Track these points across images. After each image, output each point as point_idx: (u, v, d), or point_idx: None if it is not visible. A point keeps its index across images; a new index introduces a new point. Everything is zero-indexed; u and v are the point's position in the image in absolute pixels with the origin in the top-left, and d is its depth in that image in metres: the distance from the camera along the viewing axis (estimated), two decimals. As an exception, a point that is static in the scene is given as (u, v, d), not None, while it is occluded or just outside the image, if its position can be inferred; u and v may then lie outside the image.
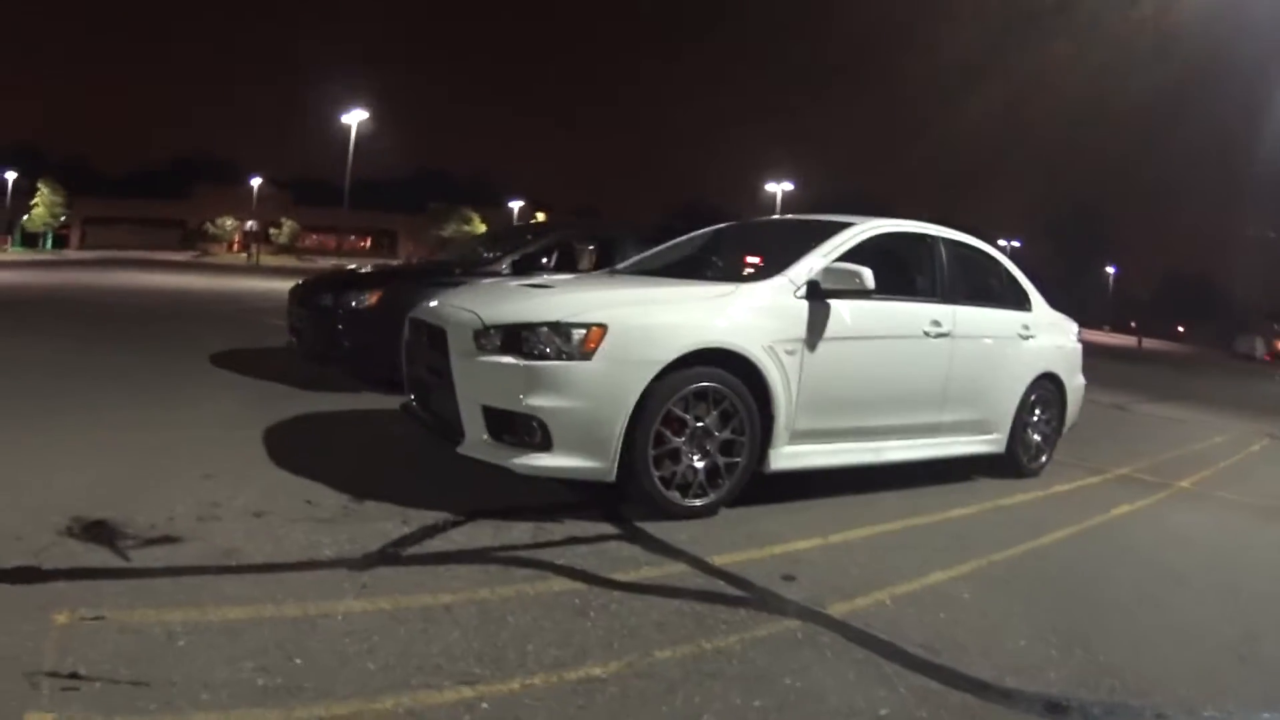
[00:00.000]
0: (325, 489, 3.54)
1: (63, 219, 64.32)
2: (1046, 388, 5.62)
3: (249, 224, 62.93)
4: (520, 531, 3.28)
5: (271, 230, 65.49)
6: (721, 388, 3.64)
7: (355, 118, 40.56)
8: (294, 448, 4.29)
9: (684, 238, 5.56)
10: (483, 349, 3.48)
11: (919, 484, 4.84)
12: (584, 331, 3.38)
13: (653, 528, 3.46)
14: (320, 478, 3.69)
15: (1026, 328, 5.46)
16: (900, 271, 4.96)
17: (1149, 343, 55.35)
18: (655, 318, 3.59)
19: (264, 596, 2.46)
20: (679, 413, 3.55)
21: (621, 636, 2.47)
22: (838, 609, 2.84)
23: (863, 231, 4.52)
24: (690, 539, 3.38)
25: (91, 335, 9.00)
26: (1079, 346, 6.13)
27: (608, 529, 3.42)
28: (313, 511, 3.27)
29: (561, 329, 3.39)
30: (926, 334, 4.64)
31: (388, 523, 3.19)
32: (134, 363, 7.04)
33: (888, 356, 4.40)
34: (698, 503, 3.65)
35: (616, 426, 3.35)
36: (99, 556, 2.65)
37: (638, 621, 2.58)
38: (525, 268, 6.63)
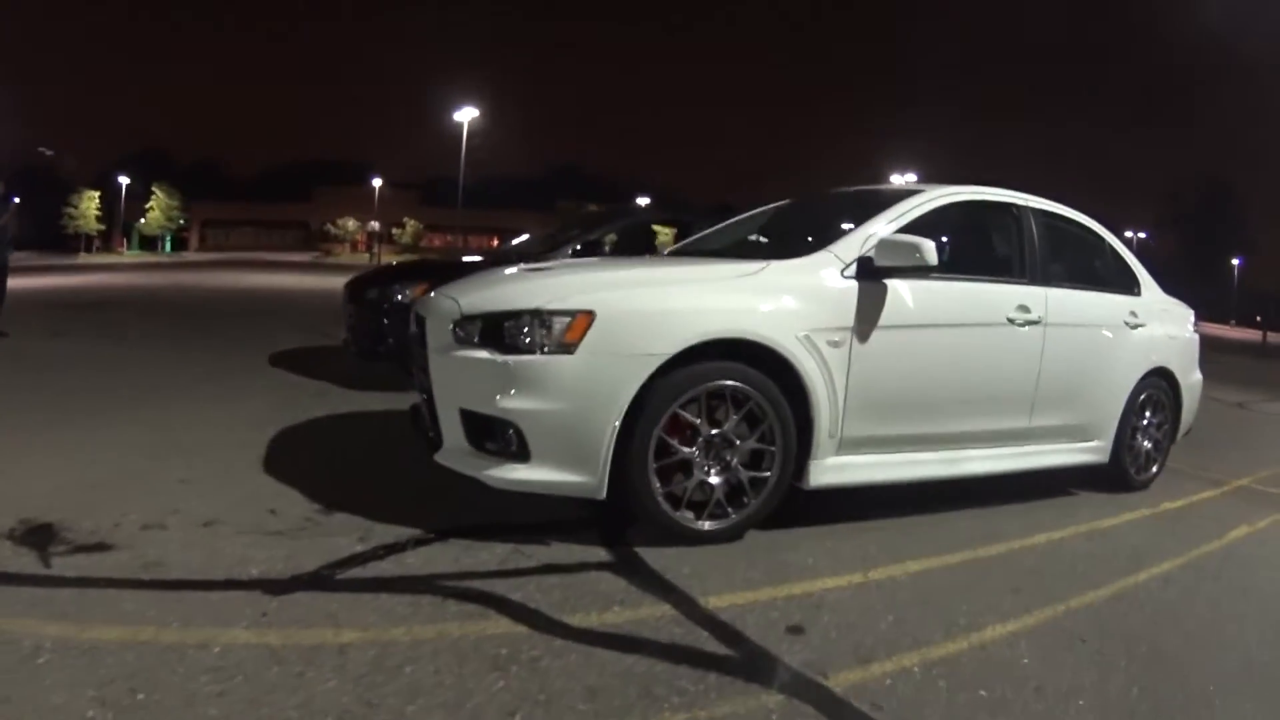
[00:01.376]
0: (300, 497, 3.31)
1: (181, 222, 67.90)
2: (1158, 385, 4.80)
3: (372, 224, 64.27)
4: (491, 555, 2.85)
5: (394, 230, 66.71)
6: (744, 387, 3.06)
7: (466, 115, 41.04)
8: (297, 450, 4.12)
9: (744, 215, 4.96)
10: (460, 341, 3.06)
11: (1002, 501, 4.16)
12: (567, 320, 2.87)
13: (654, 555, 2.95)
14: (302, 484, 3.47)
15: (1135, 314, 4.65)
16: (981, 247, 4.32)
17: (1276, 337, 50.75)
18: (656, 303, 3.02)
19: (153, 617, 2.24)
20: (689, 417, 3.00)
21: (532, 705, 1.95)
22: (842, 679, 2.20)
23: (931, 199, 3.83)
24: (694, 571, 2.84)
25: (161, 334, 9.15)
26: (1196, 337, 5.25)
27: (597, 555, 2.93)
28: (269, 523, 3.01)
29: (542, 317, 2.88)
30: (1011, 321, 3.91)
31: (344, 538, 2.88)
32: (190, 361, 7.03)
33: (963, 348, 3.71)
34: (713, 525, 3.09)
35: (605, 433, 2.83)
36: (21, 561, 2.54)
37: (563, 685, 2.05)
38: (589, 253, 6.21)
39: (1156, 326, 4.80)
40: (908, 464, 3.57)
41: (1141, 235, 66.93)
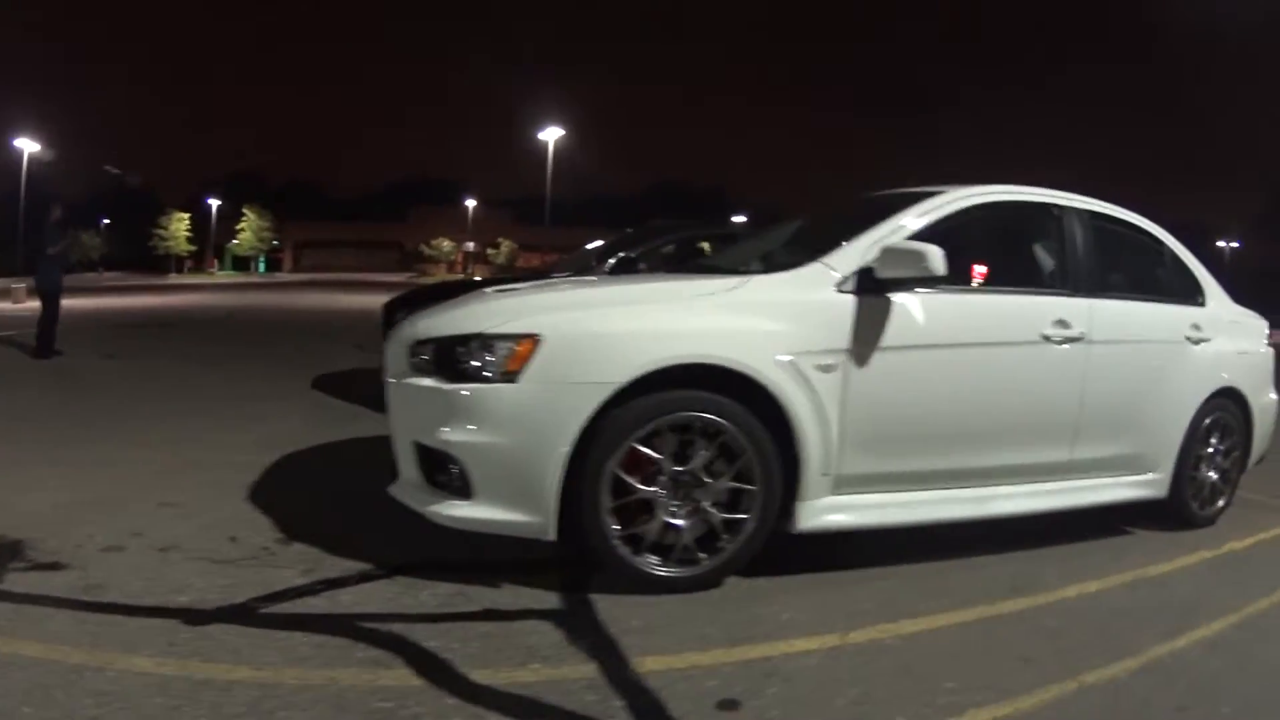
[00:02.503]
0: (268, 525, 3.30)
1: (274, 242, 70.17)
2: (1226, 408, 4.27)
3: (468, 244, 64.91)
4: (431, 596, 2.69)
5: (489, 250, 67.18)
6: (715, 419, 2.75)
7: (552, 135, 41.67)
8: (294, 476, 4.12)
9: (775, 228, 4.61)
10: (414, 369, 2.90)
11: (1043, 543, 3.72)
12: (511, 345, 2.67)
13: (609, 604, 2.69)
14: (278, 512, 3.45)
15: (1198, 328, 4.15)
16: (1014, 255, 3.90)
17: None
18: (609, 325, 2.77)
19: (71, 637, 2.27)
20: (649, 452, 2.73)
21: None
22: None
23: (951, 201, 3.43)
24: (645, 625, 2.56)
25: (218, 354, 9.44)
26: (1270, 354, 4.64)
27: (545, 602, 2.71)
28: (225, 550, 3.01)
29: (486, 341, 2.70)
30: (1048, 339, 3.48)
31: (290, 570, 2.83)
32: (234, 382, 7.22)
33: (987, 371, 3.33)
34: (680, 572, 2.80)
35: (550, 469, 2.60)
36: (-24, 576, 2.61)
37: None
38: (624, 270, 6.04)
39: (1224, 341, 4.27)
40: (921, 504, 3.19)
41: (1234, 245, 62.98)
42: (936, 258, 2.93)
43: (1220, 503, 4.33)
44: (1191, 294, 4.31)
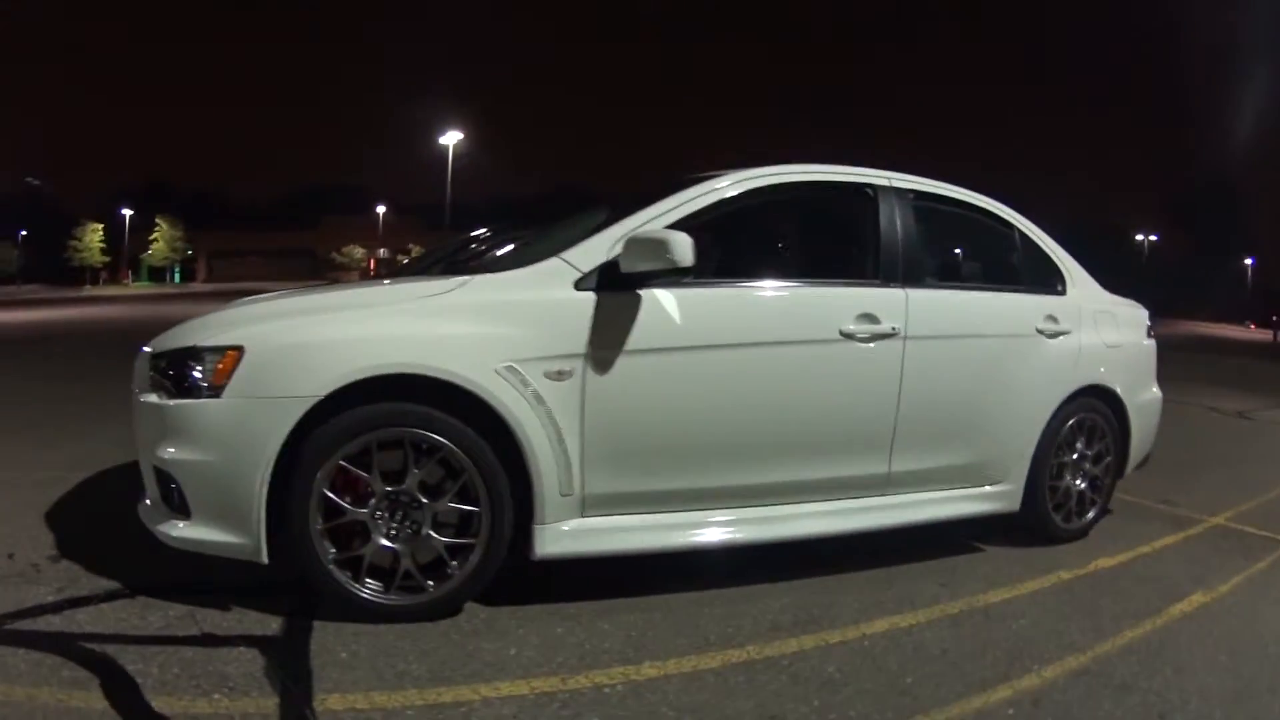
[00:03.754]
0: (49, 543, 3.19)
1: (189, 252, 68.11)
2: (1094, 408, 3.83)
3: (380, 251, 63.72)
4: (161, 617, 2.54)
5: (400, 256, 65.86)
6: (429, 434, 2.50)
7: (452, 139, 41.01)
8: (90, 494, 3.97)
9: (580, 217, 4.02)
10: (150, 383, 2.68)
11: (865, 565, 3.26)
12: (215, 358, 2.50)
13: (330, 632, 2.48)
14: (61, 529, 3.35)
15: (1054, 320, 3.69)
16: (813, 243, 3.64)
17: None
18: (314, 333, 2.54)
19: None
20: (358, 472, 2.50)
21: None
22: None
23: (736, 183, 3.04)
24: (352, 657, 2.33)
25: (81, 368, 9.28)
26: (1151, 345, 4.25)
27: (268, 627, 2.50)
28: None
29: (198, 354, 2.54)
30: (849, 336, 3.05)
31: (45, 588, 2.73)
32: (78, 397, 7.02)
33: (768, 374, 2.91)
34: (402, 600, 2.54)
35: (253, 488, 2.42)
36: None
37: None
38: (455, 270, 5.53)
39: (1089, 333, 3.83)
40: (688, 527, 2.81)
41: (1152, 238, 65.60)
42: (681, 247, 2.57)
43: (1090, 515, 3.89)
44: (1048, 282, 3.87)
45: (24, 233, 59.45)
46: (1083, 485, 3.84)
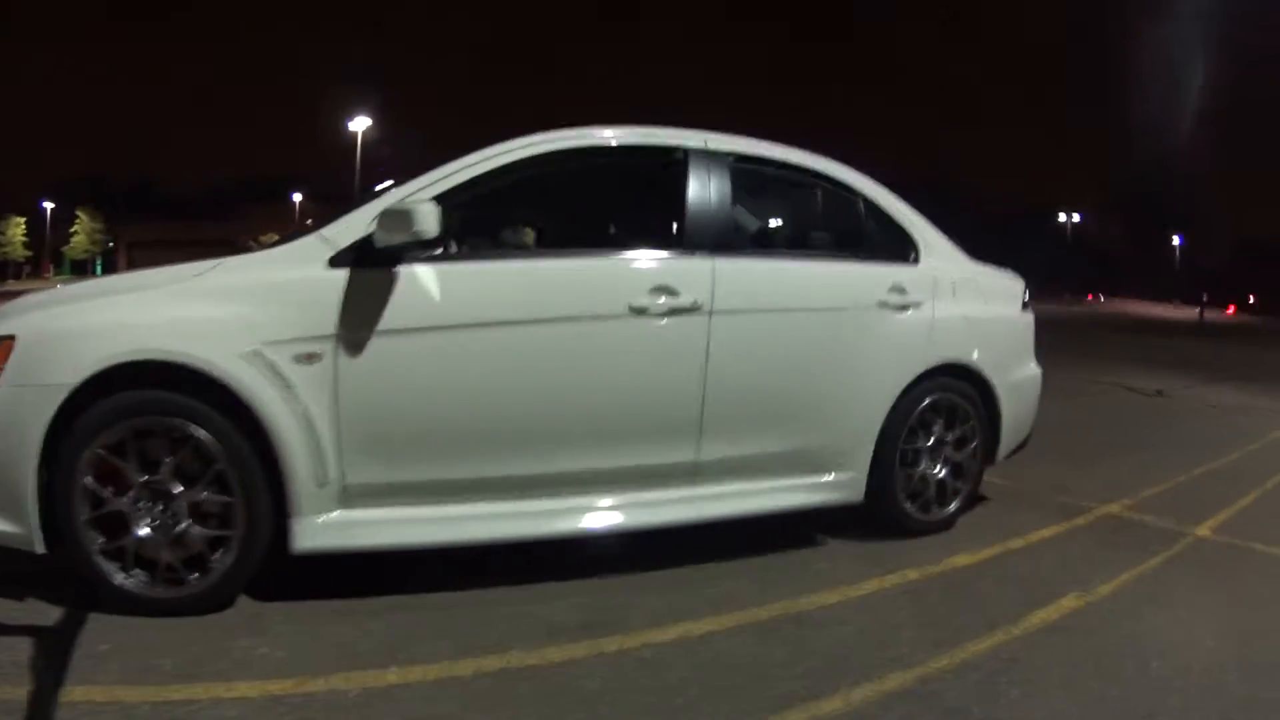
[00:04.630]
0: None
1: (110, 244, 66.18)
2: (954, 388, 3.45)
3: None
4: None
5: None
6: (178, 421, 2.38)
7: (360, 124, 40.53)
8: None
9: None
10: None
11: (694, 558, 2.94)
12: None
13: (102, 623, 2.37)
14: None
15: (902, 291, 3.29)
16: (613, 211, 3.45)
17: (1215, 315, 49.78)
18: (77, 320, 2.46)
19: None
20: (117, 461, 2.39)
21: None
22: None
23: (514, 150, 2.79)
24: (113, 649, 2.22)
25: None
26: (1026, 319, 3.88)
27: (49, 616, 2.40)
28: None
29: None
30: (642, 311, 2.74)
31: None
32: None
33: (547, 355, 2.68)
34: (165, 593, 2.43)
35: (24, 477, 2.34)
36: None
37: None
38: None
39: (946, 306, 3.44)
40: (470, 520, 2.62)
41: (1075, 219, 67.08)
42: (424, 217, 2.40)
43: (954, 504, 3.51)
44: (897, 250, 3.47)
45: (-59, 228, 57.60)
46: (943, 473, 3.46)
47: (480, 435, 2.62)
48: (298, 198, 64.92)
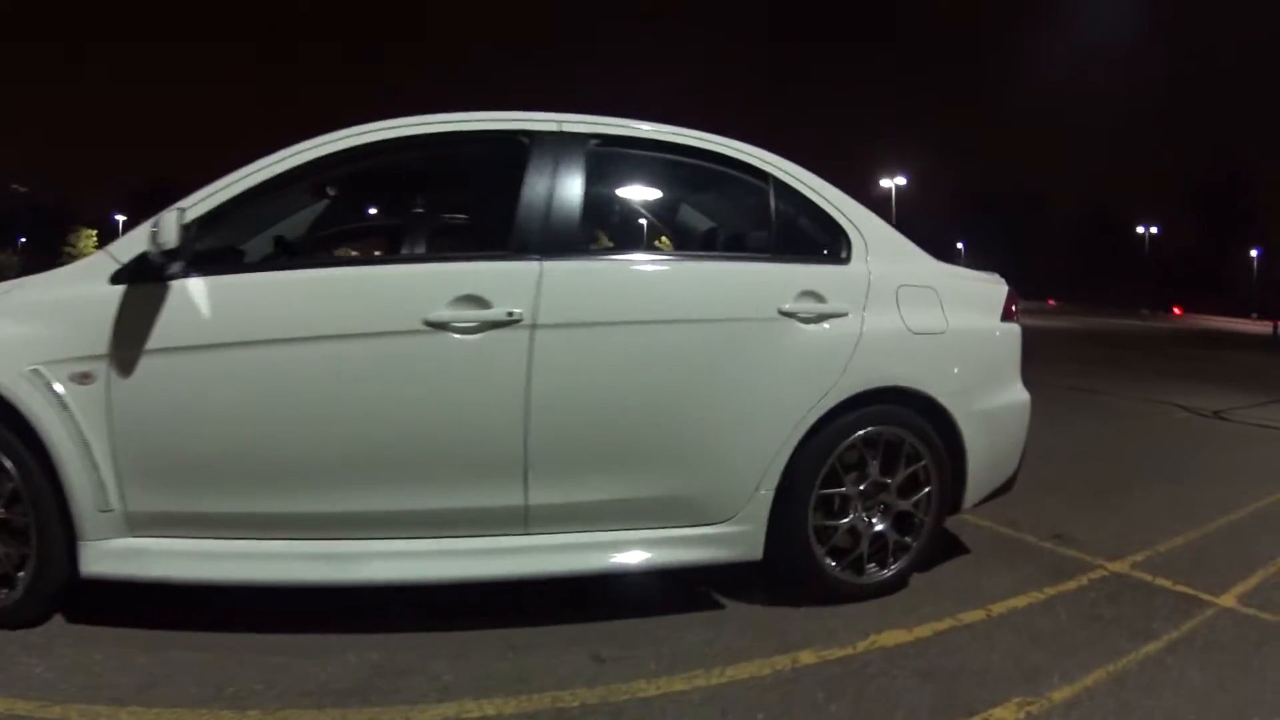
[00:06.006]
0: None
1: None
2: (897, 420, 2.77)
3: None
4: None
5: None
6: None
7: None
8: None
9: None
10: None
11: (532, 620, 2.46)
12: None
13: None
14: None
15: (816, 297, 2.65)
16: (430, 210, 3.16)
17: None
18: None
19: None
20: None
21: None
22: None
23: (324, 147, 2.50)
24: None
25: None
26: (1008, 333, 3.14)
27: None
28: None
29: None
30: (438, 325, 2.35)
31: None
32: None
33: (328, 376, 2.35)
34: None
35: None
36: None
37: None
38: None
39: (884, 315, 2.76)
40: (257, 558, 2.35)
41: (1153, 230, 64.27)
42: (166, 229, 2.22)
43: (898, 564, 2.82)
44: (820, 247, 2.85)
45: (23, 240, 60.98)
46: (882, 525, 2.77)
47: (263, 466, 2.35)
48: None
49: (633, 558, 2.48)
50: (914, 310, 2.82)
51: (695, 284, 2.60)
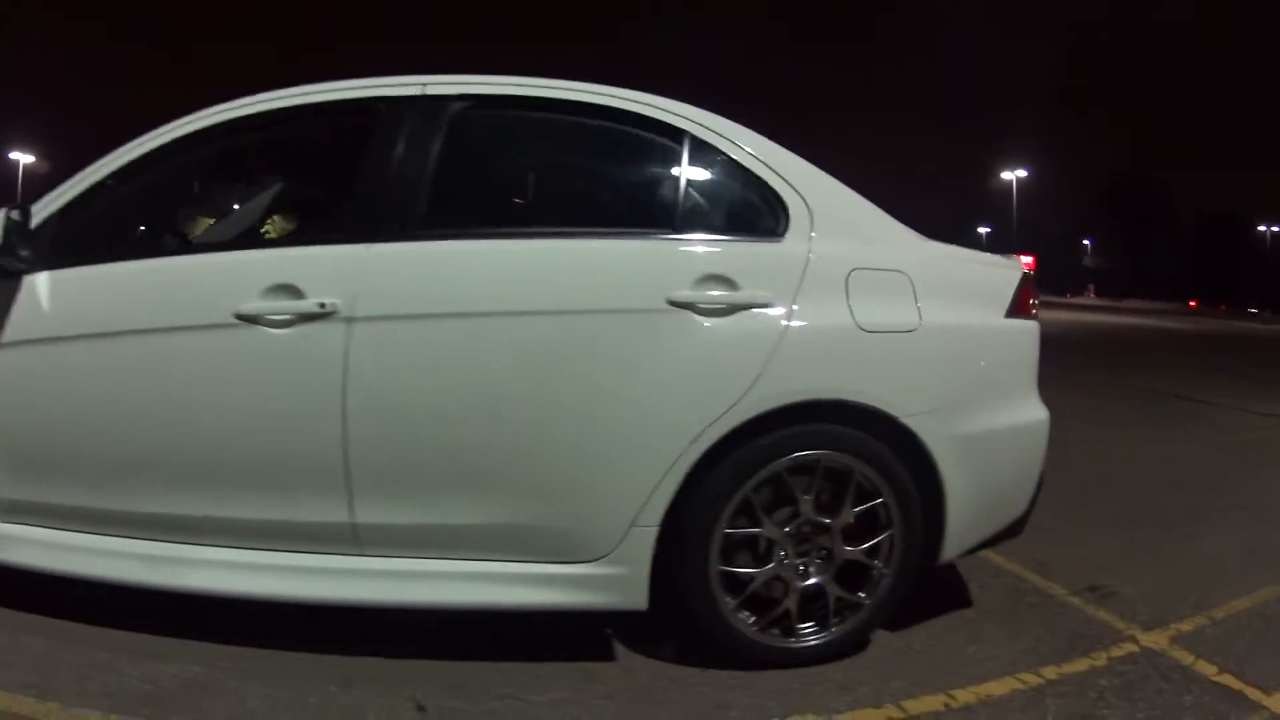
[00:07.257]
0: None
1: None
2: (844, 444, 2.18)
3: None
4: None
5: None
6: None
7: None
8: None
9: None
10: None
11: (400, 647, 2.24)
12: None
13: None
14: None
15: (726, 283, 2.13)
16: (256, 193, 3.02)
17: None
18: None
19: None
20: None
21: None
22: None
23: (166, 133, 2.33)
24: None
25: None
26: (1018, 331, 2.47)
27: None
28: None
29: None
30: (249, 318, 2.12)
31: None
32: None
33: (141, 374, 2.20)
34: None
35: None
36: None
37: None
38: None
39: (824, 305, 2.18)
40: (96, 554, 2.24)
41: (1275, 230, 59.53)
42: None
43: (843, 625, 2.24)
44: (746, 220, 2.32)
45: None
46: (818, 577, 2.19)
47: (91, 462, 2.27)
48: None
49: (479, 594, 2.12)
50: (870, 301, 2.21)
51: (557, 269, 2.15)
